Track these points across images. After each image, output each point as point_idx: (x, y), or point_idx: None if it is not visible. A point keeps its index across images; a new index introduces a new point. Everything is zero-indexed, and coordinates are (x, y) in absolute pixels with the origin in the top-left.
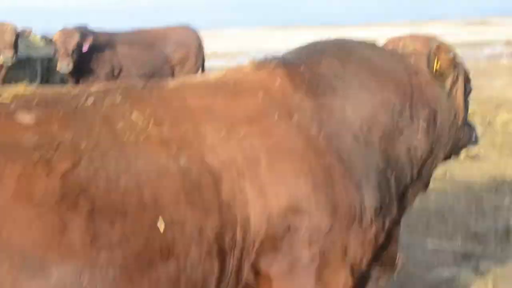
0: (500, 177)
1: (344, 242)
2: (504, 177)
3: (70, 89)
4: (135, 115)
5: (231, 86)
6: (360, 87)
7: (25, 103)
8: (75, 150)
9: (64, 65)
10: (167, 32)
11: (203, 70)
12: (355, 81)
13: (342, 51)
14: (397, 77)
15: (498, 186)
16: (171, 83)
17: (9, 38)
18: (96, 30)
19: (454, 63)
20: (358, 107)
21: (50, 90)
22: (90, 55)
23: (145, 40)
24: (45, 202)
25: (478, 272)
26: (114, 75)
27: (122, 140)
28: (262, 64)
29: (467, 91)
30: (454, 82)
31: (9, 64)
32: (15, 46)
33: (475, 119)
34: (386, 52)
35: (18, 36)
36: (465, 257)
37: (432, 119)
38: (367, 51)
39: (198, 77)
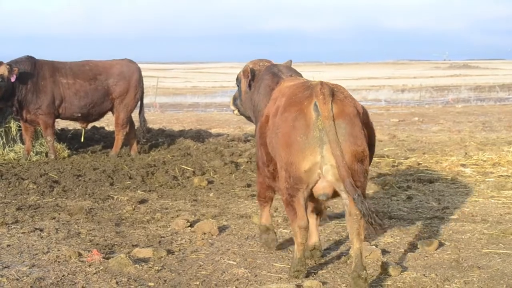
0: None
1: None
2: None
3: None
4: None
5: None
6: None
7: None
8: None
9: None
10: (110, 64)
11: (142, 103)
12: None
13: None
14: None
15: None
16: None
17: None
18: (40, 59)
19: (244, 74)
20: None
21: None
22: (32, 84)
23: (88, 72)
24: None
25: None
26: (55, 105)
27: None
28: None
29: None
30: (244, 84)
31: None
32: None
33: (388, 160)
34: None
35: None
36: None
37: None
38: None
39: None
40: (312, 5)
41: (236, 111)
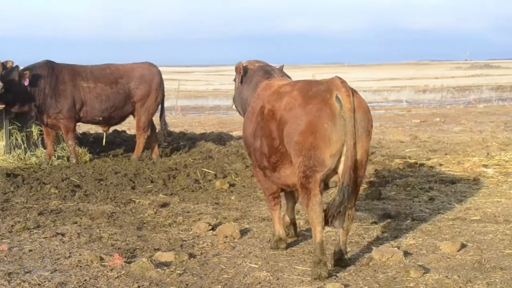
0: None
1: None
2: None
3: None
4: None
5: None
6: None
7: None
8: None
9: None
10: (131, 68)
11: (162, 106)
12: None
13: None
14: None
15: None
16: None
17: None
18: (60, 63)
19: (236, 70)
20: None
21: None
22: (50, 88)
23: (109, 75)
24: None
25: None
26: (76, 109)
27: None
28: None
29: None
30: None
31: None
32: (1, 77)
33: (409, 161)
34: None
35: (3, 67)
36: None
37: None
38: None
39: None
40: (332, 6)
41: (234, 106)
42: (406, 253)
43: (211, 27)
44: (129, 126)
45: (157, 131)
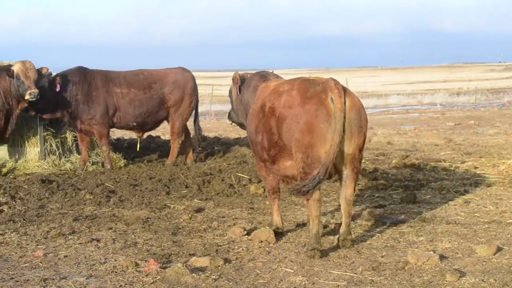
0: None
1: None
2: None
3: None
4: None
5: None
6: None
7: None
8: None
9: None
10: (164, 73)
11: (196, 111)
12: None
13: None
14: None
15: None
16: None
17: (34, 75)
18: (92, 69)
19: (233, 82)
20: None
21: None
22: (83, 94)
23: (143, 81)
24: None
25: None
26: (109, 115)
27: None
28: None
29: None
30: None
31: (34, 100)
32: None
33: (444, 164)
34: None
35: (38, 73)
36: None
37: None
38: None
39: None
40: (363, 9)
41: (232, 124)
42: (442, 257)
43: (243, 32)
44: (163, 131)
45: (191, 136)
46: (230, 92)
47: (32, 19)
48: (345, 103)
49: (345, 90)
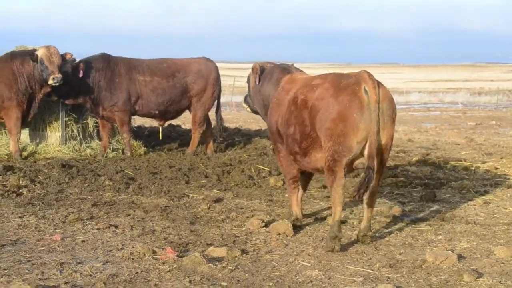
0: None
1: None
2: None
3: None
4: None
5: None
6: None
7: None
8: None
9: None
10: (188, 62)
11: (219, 102)
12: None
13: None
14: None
15: None
16: None
17: (58, 60)
18: (116, 56)
19: (253, 71)
20: None
21: None
22: (106, 81)
23: (166, 69)
24: None
25: None
26: (131, 102)
27: None
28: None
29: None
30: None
31: (57, 85)
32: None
33: (465, 164)
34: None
35: (62, 59)
36: None
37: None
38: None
39: None
40: (386, 5)
41: (248, 108)
42: (460, 257)
43: (265, 24)
44: (184, 120)
45: (212, 126)
46: (248, 79)
47: (57, 5)
48: (378, 94)
49: (379, 82)
